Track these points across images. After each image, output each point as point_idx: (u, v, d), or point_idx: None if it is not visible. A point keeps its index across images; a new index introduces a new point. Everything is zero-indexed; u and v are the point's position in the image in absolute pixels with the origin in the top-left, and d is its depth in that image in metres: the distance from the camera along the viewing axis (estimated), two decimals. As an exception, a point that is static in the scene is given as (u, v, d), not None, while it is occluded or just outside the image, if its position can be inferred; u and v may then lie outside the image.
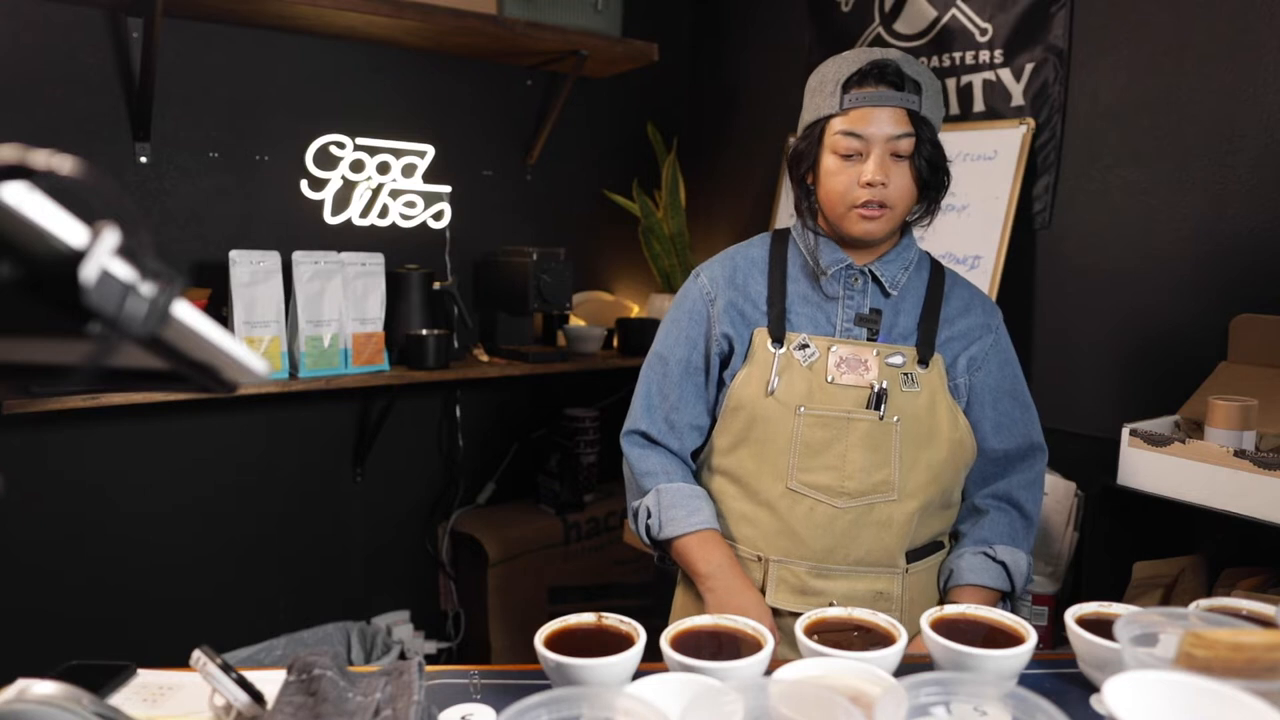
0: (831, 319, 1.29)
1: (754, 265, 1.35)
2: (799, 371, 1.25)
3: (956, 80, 2.22)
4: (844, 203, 1.24)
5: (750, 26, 2.79)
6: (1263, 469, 1.39)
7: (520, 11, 2.31)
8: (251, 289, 2.05)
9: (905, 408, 1.24)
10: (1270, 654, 0.70)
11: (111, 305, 0.42)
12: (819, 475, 1.24)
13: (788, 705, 0.73)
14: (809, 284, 1.31)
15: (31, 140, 0.43)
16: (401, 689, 0.86)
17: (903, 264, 1.32)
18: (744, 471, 1.30)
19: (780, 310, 1.29)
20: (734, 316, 1.32)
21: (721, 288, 1.34)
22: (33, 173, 0.41)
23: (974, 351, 1.31)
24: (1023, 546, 1.31)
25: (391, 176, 2.44)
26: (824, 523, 1.24)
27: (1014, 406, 1.34)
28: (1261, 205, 1.71)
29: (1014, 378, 1.35)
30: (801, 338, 1.27)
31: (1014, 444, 1.34)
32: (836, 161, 1.23)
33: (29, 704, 0.70)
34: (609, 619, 1.02)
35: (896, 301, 1.31)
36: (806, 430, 1.24)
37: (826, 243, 1.30)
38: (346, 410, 2.48)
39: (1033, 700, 0.68)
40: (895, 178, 1.22)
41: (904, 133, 1.20)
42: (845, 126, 1.21)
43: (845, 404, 1.24)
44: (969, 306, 1.34)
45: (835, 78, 1.23)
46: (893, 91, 1.20)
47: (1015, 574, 1.28)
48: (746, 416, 1.27)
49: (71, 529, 2.11)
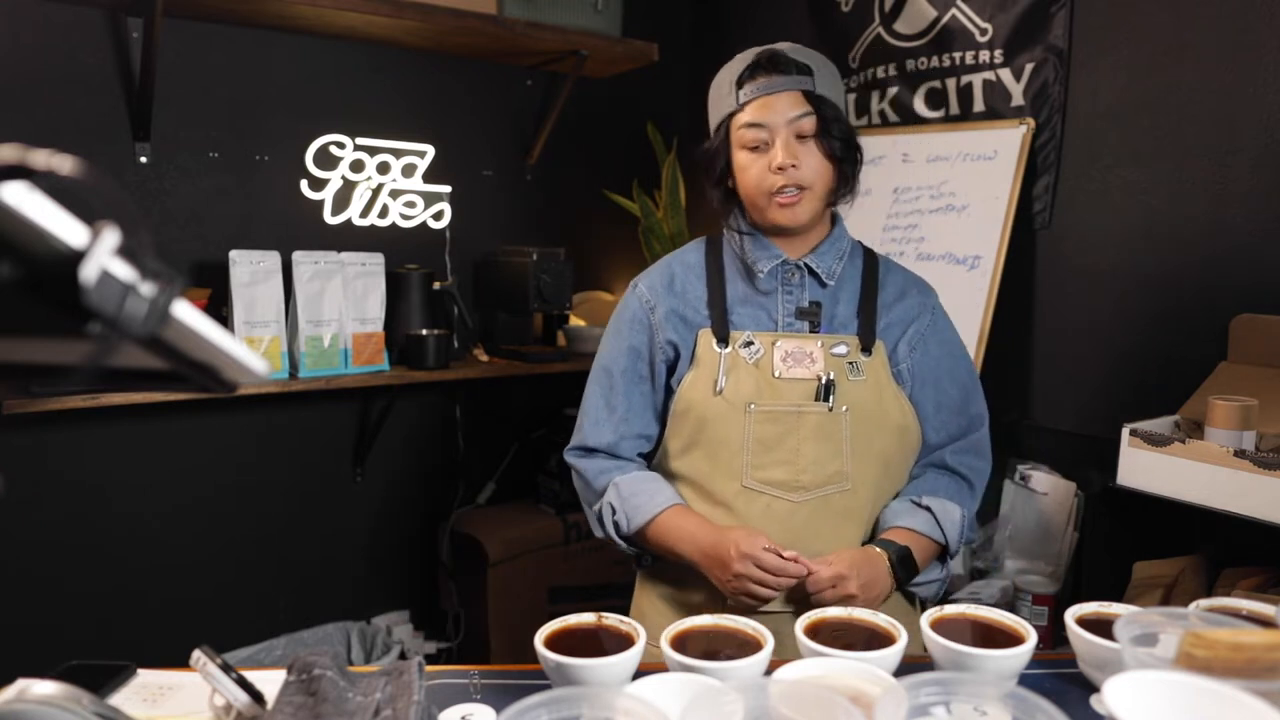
0: (772, 315, 1.30)
1: (690, 270, 1.36)
2: (746, 369, 1.26)
3: (956, 80, 2.22)
4: (761, 193, 1.26)
5: (750, 26, 2.79)
6: (1263, 469, 1.39)
7: (520, 11, 2.31)
8: (251, 289, 2.05)
9: (853, 397, 1.25)
10: (1270, 654, 0.70)
11: (111, 305, 0.42)
12: (773, 471, 1.25)
13: (788, 705, 0.73)
14: (746, 284, 1.32)
15: (31, 140, 0.43)
16: (401, 689, 0.86)
17: (836, 254, 1.33)
18: (698, 473, 1.29)
19: (722, 311, 1.30)
20: (676, 322, 1.32)
21: (661, 295, 1.34)
22: (33, 173, 0.41)
23: (912, 335, 1.32)
24: (956, 500, 1.31)
25: (391, 176, 2.44)
26: (782, 518, 1.24)
27: (953, 385, 1.34)
28: (1261, 205, 1.71)
29: (953, 357, 1.35)
30: (746, 335, 1.28)
31: (955, 421, 1.34)
32: (746, 155, 1.26)
33: (29, 704, 0.70)
34: (609, 619, 1.02)
35: (834, 292, 1.31)
36: (757, 427, 1.24)
37: (757, 241, 1.31)
38: (346, 410, 2.48)
39: (1033, 700, 0.68)
40: (805, 158, 1.24)
41: (803, 113, 1.23)
42: (746, 119, 1.25)
43: (794, 398, 1.25)
44: (904, 291, 1.35)
45: (729, 78, 1.27)
46: (783, 76, 1.24)
47: (944, 522, 1.27)
48: (696, 418, 1.27)
49: (71, 529, 2.11)
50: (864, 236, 2.35)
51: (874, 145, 2.37)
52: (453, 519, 2.60)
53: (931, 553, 1.28)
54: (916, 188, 2.24)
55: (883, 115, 2.41)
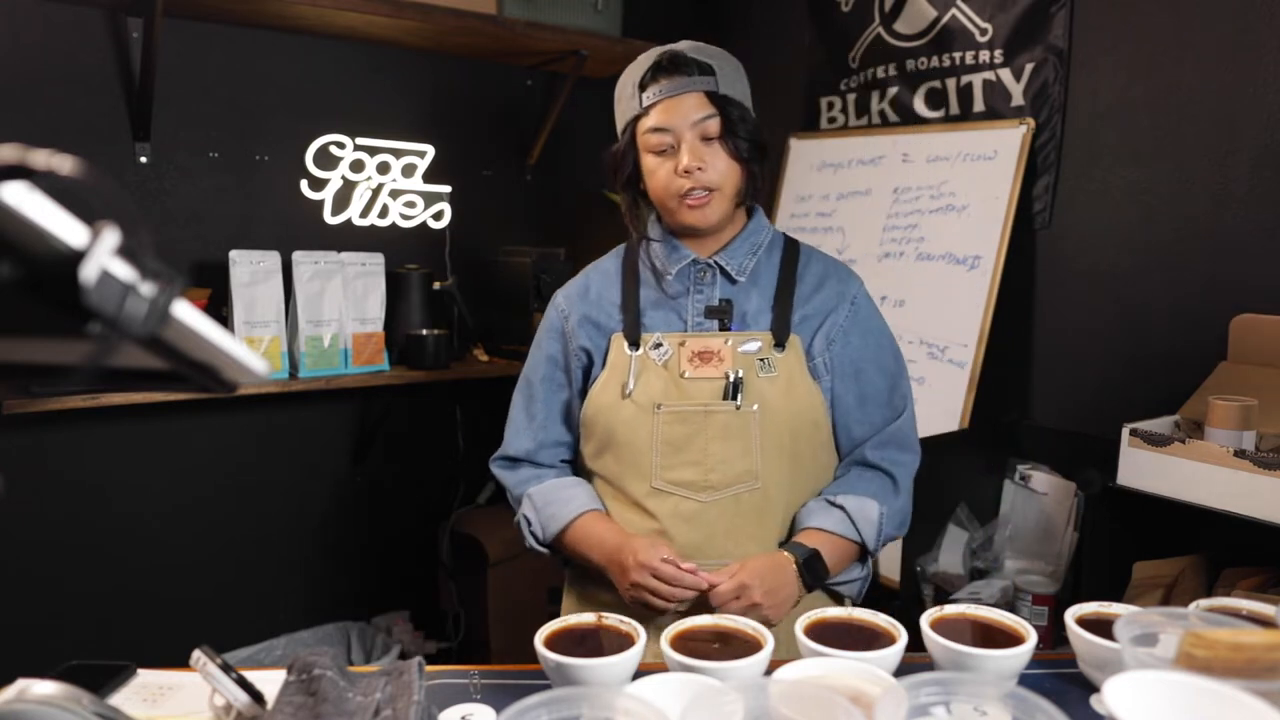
0: (683, 315, 1.30)
1: (606, 277, 1.37)
2: (655, 371, 1.26)
3: (956, 80, 2.22)
4: (669, 195, 1.25)
5: (750, 27, 2.79)
6: (1263, 469, 1.39)
7: (520, 11, 2.31)
8: (251, 289, 2.05)
9: (764, 394, 1.24)
10: (1270, 654, 0.70)
11: (111, 305, 0.42)
12: (682, 471, 1.24)
13: (788, 705, 0.73)
14: (657, 287, 1.32)
15: (31, 140, 0.43)
16: (401, 689, 0.86)
17: (749, 249, 1.31)
18: (611, 475, 1.30)
19: (634, 314, 1.30)
20: (589, 330, 1.33)
21: (575, 304, 1.36)
22: (33, 173, 0.41)
23: (829, 327, 1.30)
24: (877, 497, 1.28)
25: (391, 176, 2.44)
26: (690, 517, 1.24)
27: (880, 375, 1.31)
28: (1261, 205, 1.71)
29: (878, 346, 1.33)
30: (655, 337, 1.28)
31: (881, 414, 1.32)
32: (653, 159, 1.25)
33: (29, 704, 0.70)
34: (609, 619, 1.02)
35: (747, 287, 1.30)
36: (665, 428, 1.24)
37: (666, 243, 1.31)
38: (346, 410, 2.48)
39: (1033, 700, 0.68)
40: (711, 160, 1.23)
41: (707, 114, 1.22)
42: (651, 123, 1.24)
43: (701, 398, 1.24)
44: (822, 281, 1.32)
45: (632, 81, 1.26)
46: (685, 78, 1.22)
47: (859, 520, 1.24)
48: (605, 422, 1.27)
49: (71, 529, 2.11)
50: (864, 236, 2.37)
51: (874, 145, 2.37)
52: (453, 519, 2.60)
53: (847, 552, 1.26)
54: (916, 188, 2.24)
55: (883, 115, 2.41)
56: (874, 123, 2.43)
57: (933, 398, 2.11)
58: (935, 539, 1.98)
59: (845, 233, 2.39)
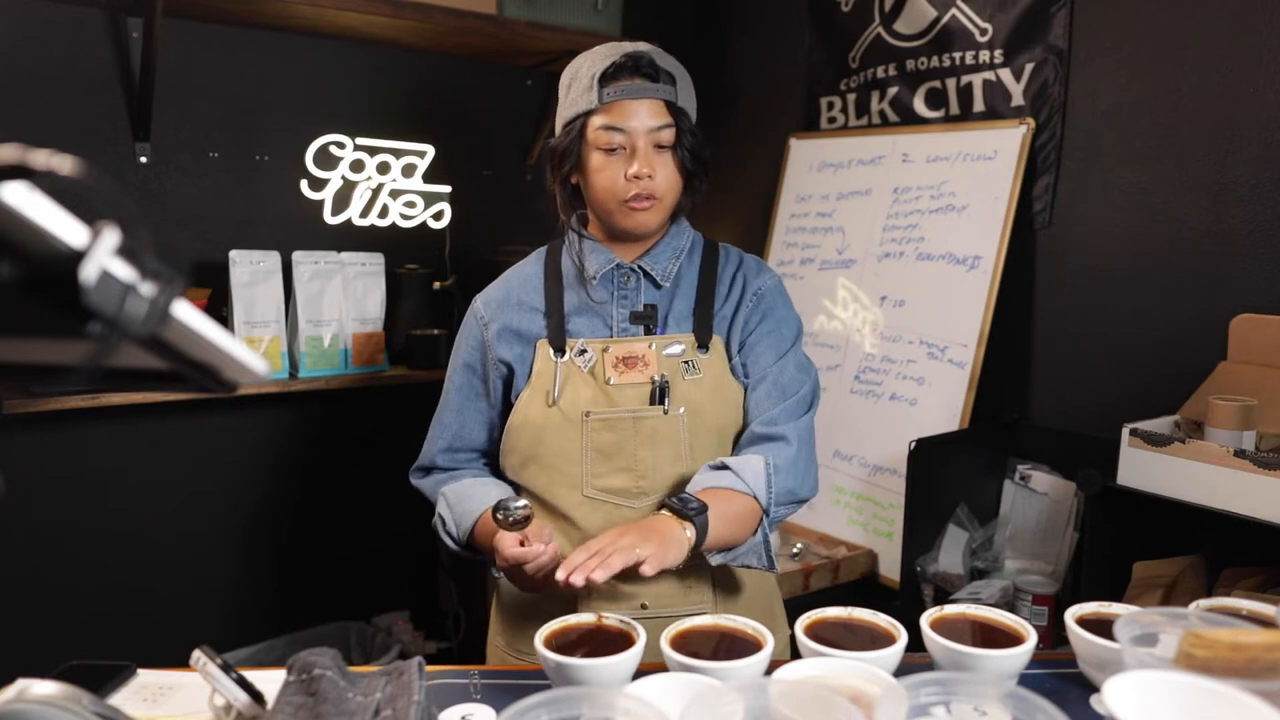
0: (607, 321, 1.29)
1: (528, 282, 1.34)
2: (581, 378, 1.25)
3: (956, 80, 2.22)
4: (613, 197, 1.23)
5: (750, 26, 2.79)
6: (1263, 469, 1.39)
7: (520, 11, 2.31)
8: (251, 289, 2.05)
9: (690, 397, 1.23)
10: (1270, 654, 0.70)
11: (111, 305, 0.42)
12: (613, 479, 1.23)
13: (788, 705, 0.73)
14: (582, 292, 1.30)
15: (31, 140, 0.43)
16: (401, 689, 0.86)
17: (673, 253, 1.31)
18: (537, 486, 1.28)
19: (559, 320, 1.28)
20: (510, 339, 1.30)
21: (495, 311, 1.32)
22: (33, 173, 0.41)
23: (740, 323, 1.29)
24: (762, 454, 1.23)
25: (391, 176, 2.44)
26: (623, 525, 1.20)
27: (792, 364, 1.29)
28: (1261, 205, 1.71)
29: (784, 338, 1.30)
30: (580, 343, 1.26)
31: (779, 397, 1.28)
32: (601, 157, 1.22)
33: (29, 704, 0.70)
34: (609, 619, 1.02)
35: (670, 291, 1.30)
36: (595, 435, 1.23)
37: (593, 246, 1.29)
38: (346, 410, 2.48)
39: (1033, 700, 0.68)
40: (660, 169, 1.22)
41: (664, 124, 1.21)
42: (606, 121, 1.21)
43: (629, 404, 1.23)
44: (735, 279, 1.32)
45: (590, 72, 1.21)
46: (649, 83, 1.21)
47: (745, 473, 1.19)
48: (533, 431, 1.25)
49: (71, 529, 2.11)
50: (864, 236, 2.37)
51: (874, 145, 2.37)
52: (453, 519, 2.60)
53: (740, 504, 1.19)
54: (916, 188, 2.24)
55: (883, 115, 2.41)
56: (874, 123, 2.43)
57: (933, 398, 2.11)
58: (935, 539, 1.98)
59: (845, 233, 2.39)
